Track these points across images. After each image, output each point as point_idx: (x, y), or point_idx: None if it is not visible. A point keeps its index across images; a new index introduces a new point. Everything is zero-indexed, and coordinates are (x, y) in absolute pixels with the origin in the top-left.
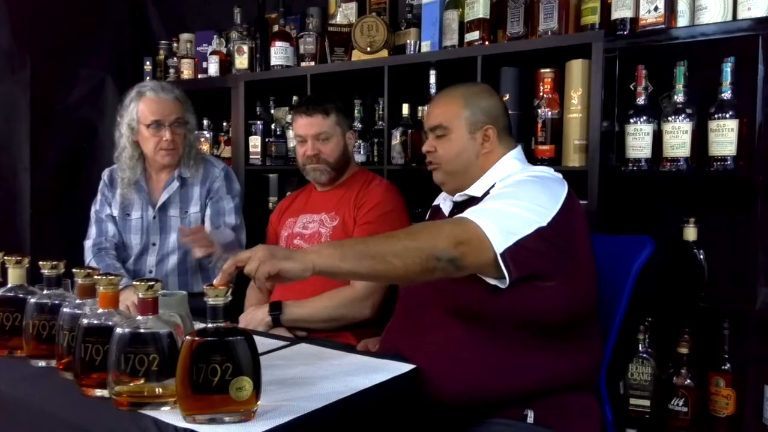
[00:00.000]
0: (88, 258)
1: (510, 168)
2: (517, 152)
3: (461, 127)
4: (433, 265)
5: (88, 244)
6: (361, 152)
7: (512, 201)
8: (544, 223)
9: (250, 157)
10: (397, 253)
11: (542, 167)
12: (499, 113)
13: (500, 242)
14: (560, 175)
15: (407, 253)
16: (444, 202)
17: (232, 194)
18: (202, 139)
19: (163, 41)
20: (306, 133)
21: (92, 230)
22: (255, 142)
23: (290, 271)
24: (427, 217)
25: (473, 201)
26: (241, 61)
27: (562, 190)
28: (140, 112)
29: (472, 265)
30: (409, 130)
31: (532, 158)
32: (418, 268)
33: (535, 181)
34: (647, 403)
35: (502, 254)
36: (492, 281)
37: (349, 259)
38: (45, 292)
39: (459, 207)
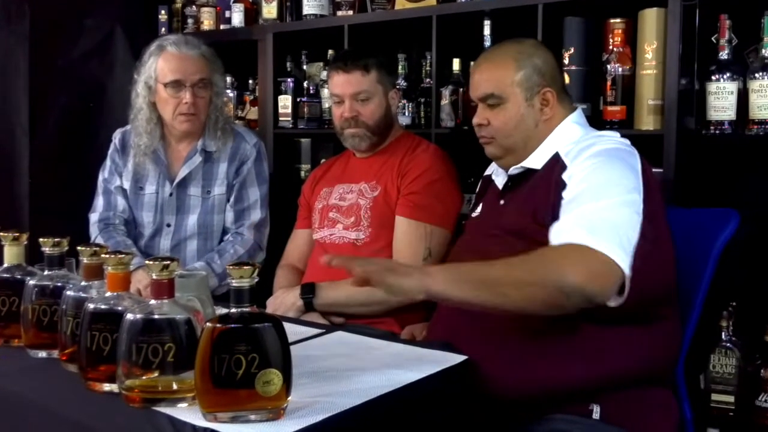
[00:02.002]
0: (94, 234)
1: (572, 134)
2: (578, 115)
3: (517, 94)
4: (561, 302)
5: (93, 217)
6: (406, 114)
7: (606, 200)
8: (641, 216)
9: (280, 119)
10: (517, 283)
11: (607, 133)
12: (555, 71)
13: (625, 262)
14: (628, 142)
15: (528, 286)
16: (497, 174)
17: (261, 180)
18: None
19: None
20: (343, 92)
21: (99, 202)
22: (285, 102)
23: (402, 288)
24: (477, 189)
25: (531, 174)
26: (269, 10)
27: (637, 164)
28: (159, 69)
29: (606, 297)
30: (460, 89)
31: (600, 121)
32: (540, 305)
33: (612, 161)
34: (731, 399)
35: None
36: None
37: (464, 288)
38: (46, 272)
39: (514, 180)
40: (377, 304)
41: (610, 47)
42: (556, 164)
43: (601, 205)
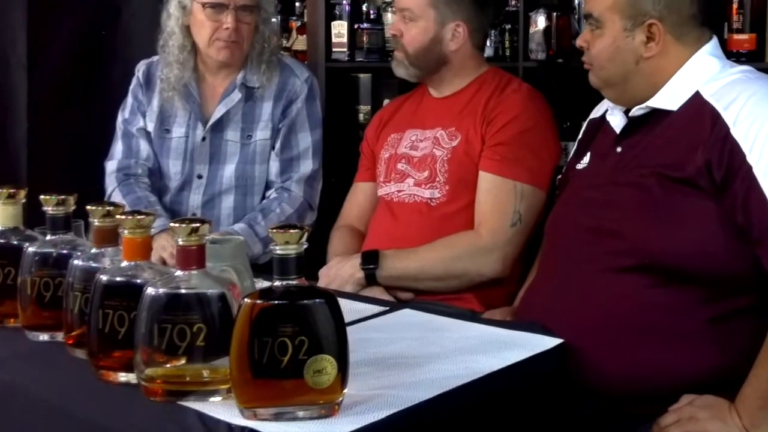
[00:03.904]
0: (111, 187)
1: (709, 69)
2: (713, 46)
3: (615, 21)
4: None
5: (110, 166)
6: (488, 43)
7: None
8: None
9: (333, 50)
10: None
11: (745, 68)
12: None
13: None
14: None
15: None
16: (612, 114)
17: (313, 124)
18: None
19: None
20: (396, 3)
21: (118, 147)
22: (340, 29)
23: None
24: (581, 134)
25: (662, 116)
26: None
27: None
28: None
29: None
30: (554, 13)
31: (723, 52)
32: None
33: None
34: None
35: None
36: None
37: None
38: (48, 237)
39: (636, 123)
40: (455, 277)
41: None
42: (703, 109)
43: None
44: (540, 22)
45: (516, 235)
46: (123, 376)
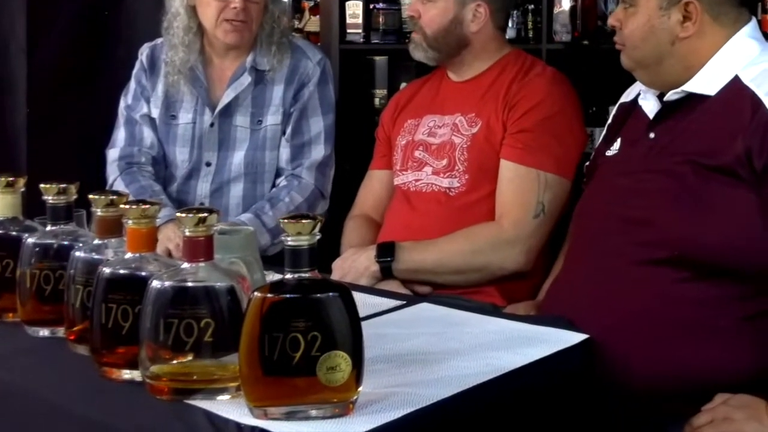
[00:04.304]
0: (113, 176)
1: (748, 52)
2: (752, 28)
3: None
4: None
5: (112, 154)
6: (510, 24)
7: None
8: None
9: (348, 31)
10: None
11: None
12: None
13: None
14: None
15: None
16: (645, 98)
17: (326, 108)
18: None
19: None
20: None
21: (120, 135)
22: (354, 9)
23: None
24: (610, 119)
25: (699, 101)
26: None
27: None
28: None
29: None
30: None
31: None
32: None
33: None
34: None
35: None
36: None
37: None
38: (49, 228)
39: (672, 108)
40: (475, 271)
41: None
42: (743, 95)
43: None
44: (565, 2)
45: (539, 226)
46: (127, 374)
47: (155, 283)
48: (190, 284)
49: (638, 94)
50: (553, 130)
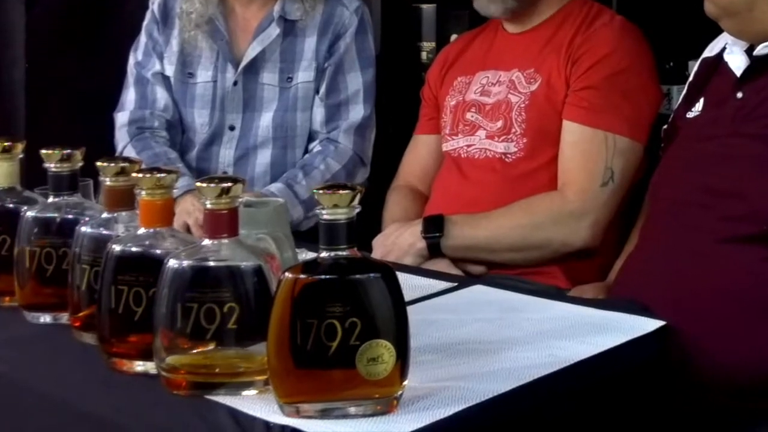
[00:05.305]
0: (122, 143)
1: None
2: None
3: None
4: None
5: (121, 118)
6: None
7: None
8: None
9: None
10: None
11: None
12: None
13: None
14: None
15: None
16: (731, 52)
17: (365, 62)
18: None
19: None
20: None
21: (130, 96)
22: None
23: None
24: (692, 77)
25: None
26: None
27: None
28: None
29: None
30: None
31: None
32: None
33: None
34: None
35: None
36: None
37: None
38: (51, 200)
39: (763, 64)
40: (536, 248)
41: None
42: None
43: None
44: None
45: (609, 196)
46: (140, 365)
47: (172, 263)
48: (211, 264)
49: (724, 48)
50: (623, 87)
